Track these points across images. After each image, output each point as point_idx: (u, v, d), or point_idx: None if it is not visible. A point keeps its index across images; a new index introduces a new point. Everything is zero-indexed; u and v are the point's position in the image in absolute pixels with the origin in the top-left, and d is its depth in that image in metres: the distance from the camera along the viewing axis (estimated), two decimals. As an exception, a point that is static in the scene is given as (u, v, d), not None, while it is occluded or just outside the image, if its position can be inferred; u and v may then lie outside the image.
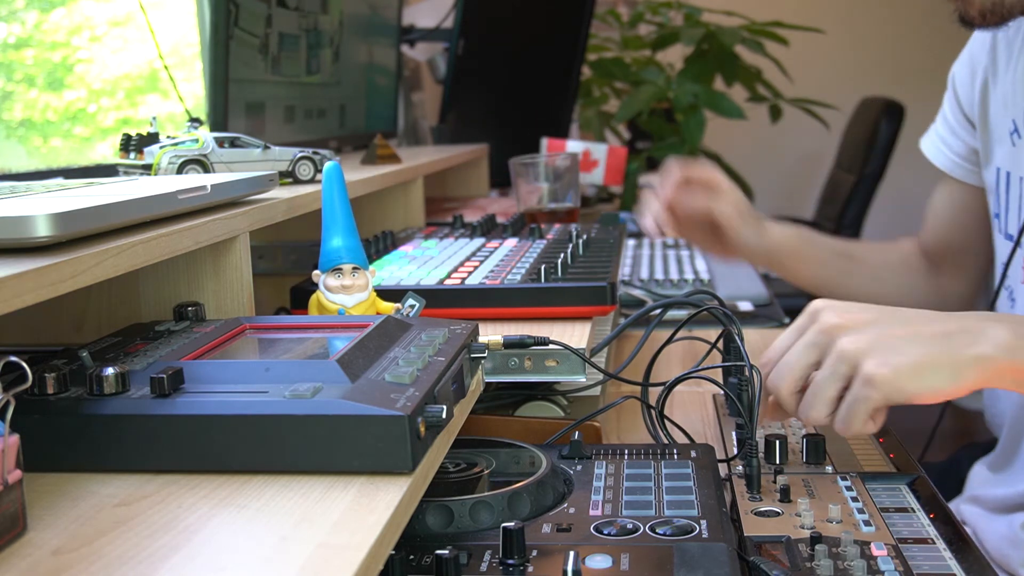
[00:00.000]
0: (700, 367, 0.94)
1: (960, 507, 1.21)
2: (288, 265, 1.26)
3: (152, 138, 1.01)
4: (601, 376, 0.96)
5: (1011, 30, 1.14)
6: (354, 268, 0.83)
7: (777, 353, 0.83)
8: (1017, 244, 1.14)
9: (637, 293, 1.49)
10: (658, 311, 0.98)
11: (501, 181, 2.16)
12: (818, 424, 0.81)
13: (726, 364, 0.96)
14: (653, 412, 0.90)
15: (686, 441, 0.89)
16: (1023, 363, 0.76)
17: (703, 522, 0.67)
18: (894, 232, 1.51)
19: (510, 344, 0.85)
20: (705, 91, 2.71)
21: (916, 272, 1.38)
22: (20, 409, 0.52)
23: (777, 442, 0.85)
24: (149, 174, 0.98)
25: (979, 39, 1.22)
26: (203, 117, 1.35)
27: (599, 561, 0.62)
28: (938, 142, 1.30)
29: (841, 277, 1.36)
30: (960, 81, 1.25)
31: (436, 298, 0.95)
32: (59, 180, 0.90)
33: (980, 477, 1.24)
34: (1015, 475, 1.15)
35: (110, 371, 0.59)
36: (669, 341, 0.97)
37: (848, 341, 0.78)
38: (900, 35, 4.20)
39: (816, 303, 0.83)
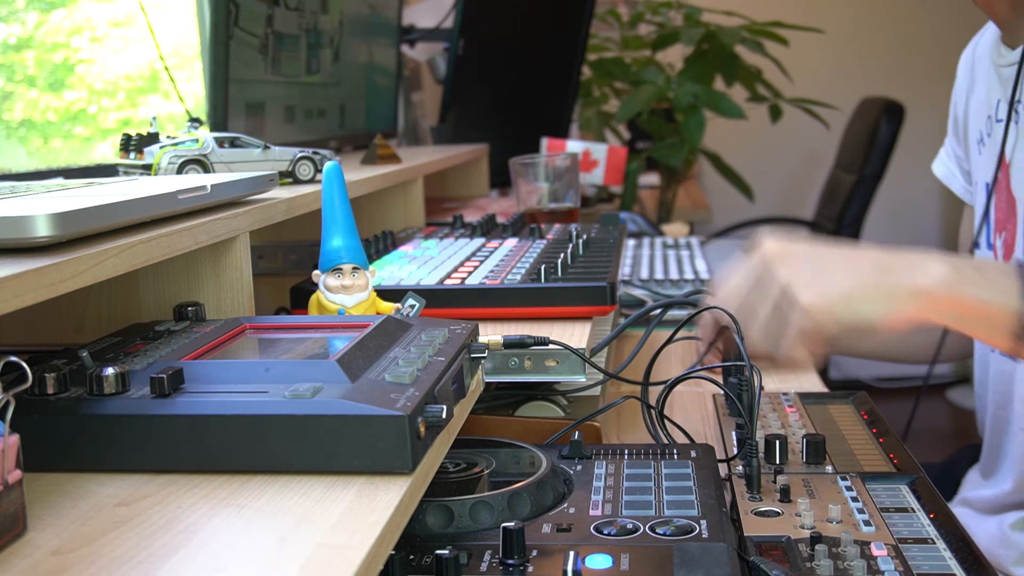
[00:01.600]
0: (700, 367, 0.94)
1: (952, 510, 1.21)
2: (288, 265, 1.26)
3: (152, 138, 1.01)
4: (601, 376, 0.96)
5: (988, 44, 1.16)
6: (354, 268, 0.84)
7: (723, 281, 0.84)
8: (972, 249, 1.14)
9: (637, 293, 1.49)
10: (658, 311, 0.98)
11: (501, 181, 2.16)
12: (755, 351, 0.80)
13: (726, 364, 0.97)
14: (653, 412, 0.90)
15: (686, 441, 0.89)
16: (961, 296, 0.76)
17: (703, 522, 0.67)
18: (894, 232, 1.51)
19: (510, 344, 0.85)
20: (705, 91, 2.71)
21: None
22: (20, 409, 0.52)
23: (777, 442, 0.85)
24: (149, 174, 0.98)
25: (965, 58, 1.24)
26: (203, 117, 1.35)
27: (599, 561, 0.62)
28: (951, 166, 1.30)
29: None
30: (954, 103, 1.27)
31: (436, 298, 0.95)
32: (59, 180, 0.90)
33: (970, 480, 1.24)
34: (1000, 476, 1.16)
35: (110, 371, 0.59)
36: (669, 341, 0.97)
37: (785, 270, 0.80)
38: (900, 35, 4.20)
39: (763, 233, 0.84)
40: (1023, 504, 1.13)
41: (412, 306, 0.83)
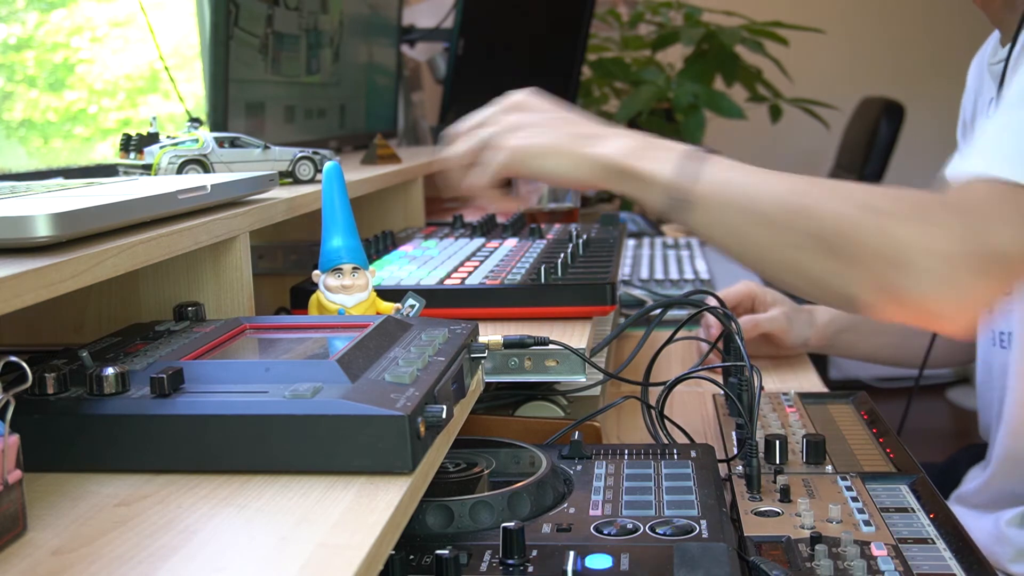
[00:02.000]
0: (700, 367, 0.94)
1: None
2: (288, 265, 1.26)
3: (152, 138, 1.01)
4: (601, 376, 0.96)
5: (989, 55, 1.16)
6: (354, 268, 0.84)
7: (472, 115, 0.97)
8: None
9: (637, 293, 1.49)
10: (658, 311, 0.98)
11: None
12: (450, 167, 0.95)
13: (726, 364, 0.97)
14: (653, 412, 0.90)
15: (686, 441, 0.89)
16: (629, 166, 0.87)
17: (703, 522, 0.67)
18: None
19: (510, 344, 0.85)
20: (705, 91, 2.71)
21: None
22: (20, 409, 0.52)
23: (777, 442, 0.85)
24: (149, 174, 0.98)
25: (974, 65, 1.24)
26: (203, 117, 1.35)
27: (599, 561, 0.62)
28: None
29: (896, 338, 1.36)
30: (963, 107, 1.27)
31: (436, 298, 0.95)
32: (59, 180, 0.90)
33: (969, 478, 1.25)
34: (995, 473, 1.16)
35: (110, 371, 0.59)
36: (669, 341, 0.97)
37: (509, 118, 0.93)
38: (900, 35, 4.20)
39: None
40: (1012, 496, 1.13)
41: (412, 306, 0.83)
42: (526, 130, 0.91)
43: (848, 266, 0.79)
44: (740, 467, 0.82)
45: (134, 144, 1.00)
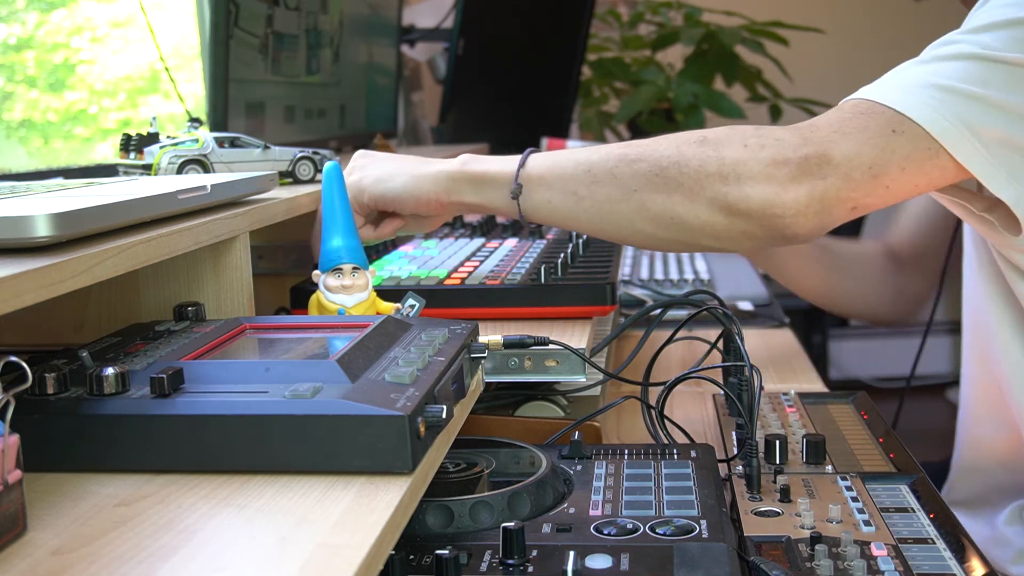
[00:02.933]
0: (700, 367, 0.94)
1: None
2: (288, 265, 1.26)
3: (152, 138, 1.01)
4: (601, 376, 0.96)
5: None
6: (354, 268, 0.84)
7: None
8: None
9: (637, 293, 1.49)
10: (658, 311, 0.98)
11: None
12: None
13: (726, 364, 0.97)
14: (653, 412, 0.90)
15: (686, 441, 0.89)
16: (471, 171, 0.95)
17: (703, 522, 0.67)
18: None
19: (510, 344, 0.85)
20: (705, 91, 2.71)
21: (880, 270, 1.44)
22: (20, 409, 0.52)
23: (777, 442, 0.85)
24: (149, 174, 0.98)
25: None
26: (203, 117, 1.35)
27: (599, 561, 0.62)
28: None
29: (821, 269, 1.42)
30: None
31: (436, 298, 0.95)
32: (59, 180, 0.90)
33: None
34: (955, 480, 1.16)
35: (110, 371, 0.59)
36: (669, 341, 0.97)
37: (356, 163, 1.02)
38: (900, 35, 4.19)
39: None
40: (991, 498, 1.13)
41: (412, 306, 0.83)
42: (366, 167, 1.00)
43: (689, 194, 0.87)
44: (740, 467, 0.82)
45: (134, 144, 1.00)
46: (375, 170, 0.99)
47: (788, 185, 0.84)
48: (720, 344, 0.98)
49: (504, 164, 0.95)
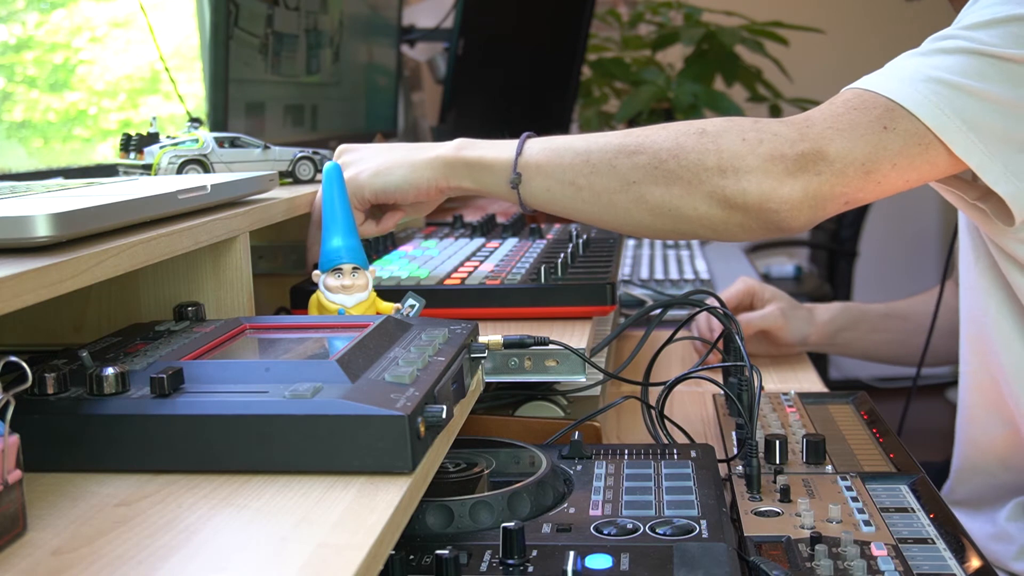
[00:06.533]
0: (700, 367, 0.94)
1: None
2: (288, 265, 1.26)
3: (152, 138, 1.01)
4: (601, 376, 0.96)
5: None
6: (354, 268, 0.84)
7: None
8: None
9: (637, 293, 1.49)
10: (658, 311, 0.98)
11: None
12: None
13: (726, 364, 0.97)
14: (653, 412, 0.90)
15: (686, 441, 0.89)
16: (468, 156, 0.94)
17: (703, 522, 0.67)
18: (893, 232, 1.52)
19: (510, 344, 0.85)
20: (705, 91, 2.71)
21: (957, 313, 1.37)
22: (20, 409, 0.52)
23: (777, 442, 0.85)
24: (149, 174, 0.98)
25: None
26: (203, 117, 1.35)
27: (599, 561, 0.62)
28: None
29: (897, 336, 1.38)
30: None
31: (436, 298, 0.95)
32: (59, 180, 0.90)
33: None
34: (956, 479, 1.16)
35: (110, 371, 0.59)
36: (669, 341, 0.97)
37: (343, 158, 1.00)
38: (900, 35, 4.19)
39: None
40: (991, 497, 1.13)
41: (412, 306, 0.83)
42: (359, 161, 0.99)
43: (687, 186, 0.87)
44: (740, 467, 0.82)
45: (134, 144, 1.00)
46: (369, 164, 0.98)
47: (784, 180, 0.85)
48: (720, 344, 0.98)
49: (501, 151, 0.94)
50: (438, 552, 0.61)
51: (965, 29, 0.89)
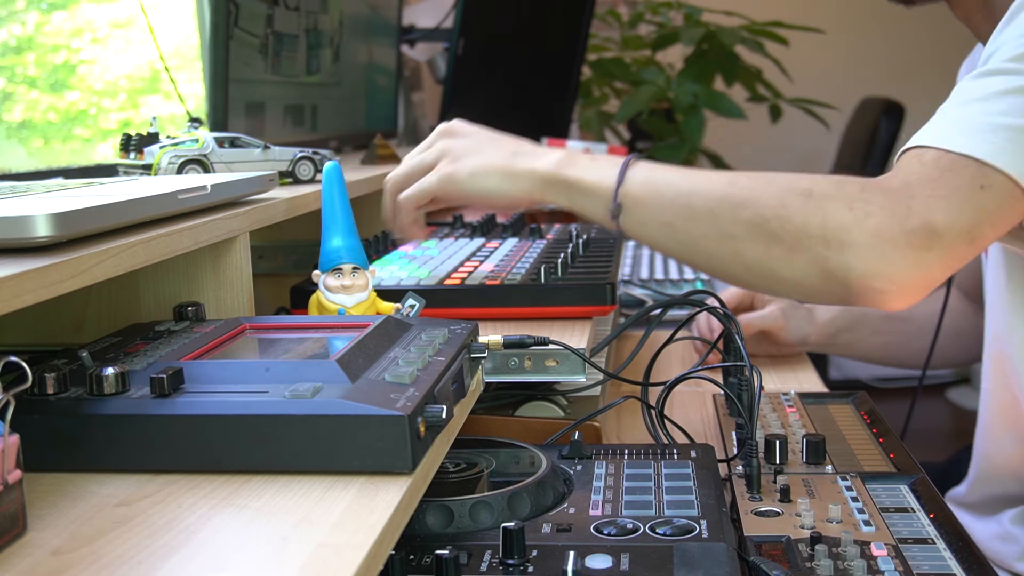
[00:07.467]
0: (700, 367, 0.94)
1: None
2: (288, 265, 1.26)
3: (152, 138, 1.01)
4: (601, 376, 0.96)
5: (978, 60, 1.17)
6: (354, 268, 0.84)
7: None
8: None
9: (637, 293, 1.49)
10: (658, 311, 0.98)
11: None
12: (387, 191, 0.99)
13: (726, 364, 0.97)
14: (653, 412, 0.90)
15: (686, 441, 0.89)
16: (566, 176, 0.90)
17: (703, 522, 0.67)
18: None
19: (510, 344, 0.85)
20: (705, 91, 2.71)
21: (960, 315, 1.36)
22: (20, 409, 0.52)
23: (777, 442, 0.85)
24: (149, 174, 0.98)
25: (963, 70, 1.23)
26: (203, 117, 1.35)
27: (599, 561, 0.62)
28: None
29: (898, 338, 1.37)
30: None
31: (436, 298, 0.95)
32: (59, 180, 0.90)
33: (965, 480, 1.25)
34: (976, 479, 1.16)
35: (110, 371, 0.59)
36: (669, 341, 0.97)
37: (443, 143, 0.96)
38: (900, 35, 4.20)
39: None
40: (1003, 500, 1.13)
41: (412, 306, 0.83)
42: (462, 154, 0.95)
43: (788, 251, 0.82)
44: (740, 467, 0.82)
45: (134, 144, 1.00)
46: (468, 162, 0.93)
47: (893, 259, 0.79)
48: (720, 344, 0.98)
49: (602, 174, 0.90)
50: (438, 552, 0.61)
51: (1013, 62, 0.83)
